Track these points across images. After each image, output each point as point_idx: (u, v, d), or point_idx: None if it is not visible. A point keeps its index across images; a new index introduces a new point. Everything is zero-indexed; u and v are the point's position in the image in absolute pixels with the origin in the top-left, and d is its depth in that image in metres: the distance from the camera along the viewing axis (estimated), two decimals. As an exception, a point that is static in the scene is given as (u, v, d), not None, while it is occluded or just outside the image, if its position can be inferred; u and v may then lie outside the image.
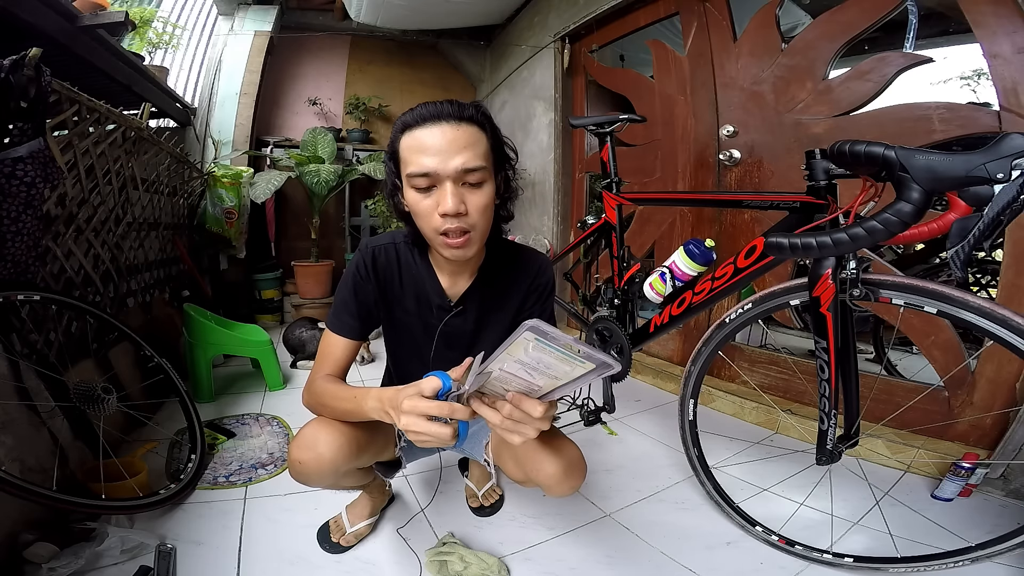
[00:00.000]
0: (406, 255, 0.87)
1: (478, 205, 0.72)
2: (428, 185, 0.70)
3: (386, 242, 0.87)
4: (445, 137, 0.68)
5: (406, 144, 0.71)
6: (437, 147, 0.68)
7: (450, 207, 0.69)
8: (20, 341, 1.13)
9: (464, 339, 0.92)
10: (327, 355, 0.86)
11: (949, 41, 2.27)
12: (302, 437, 0.81)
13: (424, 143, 0.69)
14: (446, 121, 0.69)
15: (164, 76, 2.57)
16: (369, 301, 0.87)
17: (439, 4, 2.91)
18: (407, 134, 0.71)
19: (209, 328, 1.86)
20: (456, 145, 0.68)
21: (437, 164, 0.68)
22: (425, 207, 0.72)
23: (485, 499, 1.20)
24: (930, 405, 1.36)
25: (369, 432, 0.86)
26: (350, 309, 0.86)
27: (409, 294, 0.88)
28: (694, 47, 1.95)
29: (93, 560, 0.92)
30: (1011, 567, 0.93)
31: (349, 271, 0.87)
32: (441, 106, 0.70)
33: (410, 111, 0.72)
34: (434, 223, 0.72)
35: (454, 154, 0.68)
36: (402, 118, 0.72)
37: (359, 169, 2.90)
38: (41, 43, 1.01)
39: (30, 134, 1.02)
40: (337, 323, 0.86)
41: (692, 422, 1.16)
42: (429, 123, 0.69)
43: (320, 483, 0.86)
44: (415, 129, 0.70)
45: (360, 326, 0.86)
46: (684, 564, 1.02)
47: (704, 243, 1.21)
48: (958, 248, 0.65)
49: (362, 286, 0.86)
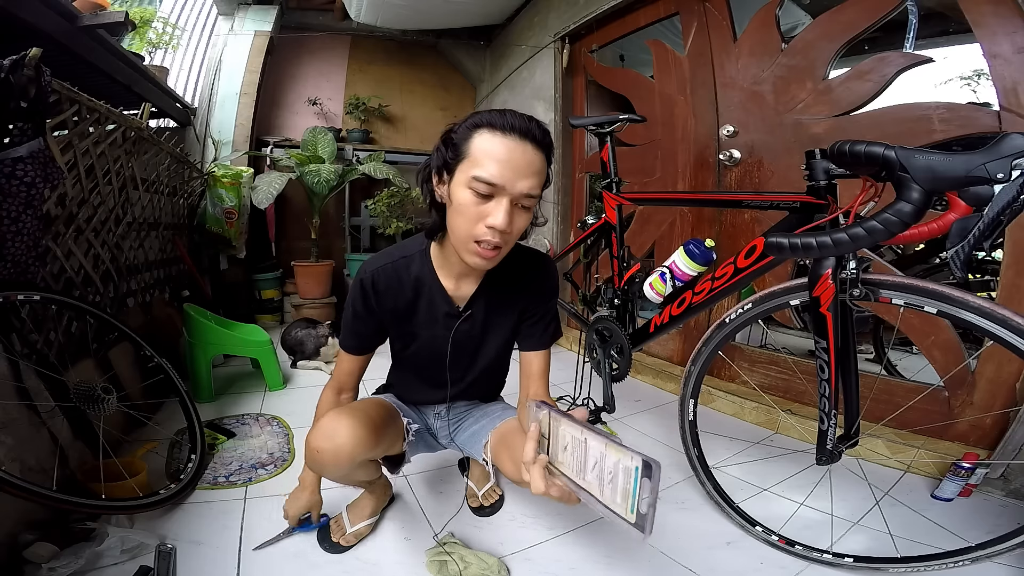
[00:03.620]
0: (405, 271, 0.88)
1: (520, 227, 0.74)
2: (488, 193, 0.69)
3: (383, 263, 0.88)
4: (525, 157, 0.69)
5: (482, 144, 0.69)
6: (513, 164, 0.68)
7: (501, 223, 0.69)
8: (20, 341, 1.13)
9: (472, 344, 0.95)
10: (338, 367, 0.98)
11: (949, 41, 2.27)
12: (322, 427, 0.82)
13: (502, 154, 0.68)
14: (530, 140, 0.69)
15: (164, 76, 2.56)
16: (372, 322, 0.92)
17: (439, 4, 2.90)
18: (487, 133, 0.69)
19: (209, 328, 1.86)
20: (530, 169, 0.69)
21: (507, 180, 0.68)
22: (475, 212, 0.71)
23: (485, 499, 1.20)
24: (930, 405, 1.36)
25: (383, 425, 0.89)
26: (353, 329, 0.93)
27: (415, 308, 0.90)
28: (694, 47, 1.95)
29: (93, 560, 0.92)
30: (1011, 567, 0.93)
31: (350, 298, 0.91)
32: (530, 123, 0.70)
33: (497, 114, 0.70)
34: (476, 230, 0.71)
35: (525, 177, 0.69)
36: (486, 116, 0.70)
37: (359, 169, 2.91)
38: (41, 43, 1.01)
39: (30, 134, 1.02)
40: (344, 341, 0.96)
41: (692, 422, 1.16)
42: (513, 135, 0.68)
43: (335, 472, 0.88)
44: (498, 134, 0.68)
45: (363, 344, 0.95)
46: (684, 564, 1.02)
47: (704, 243, 1.21)
48: (958, 248, 0.64)
49: (363, 308, 0.90)
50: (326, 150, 2.94)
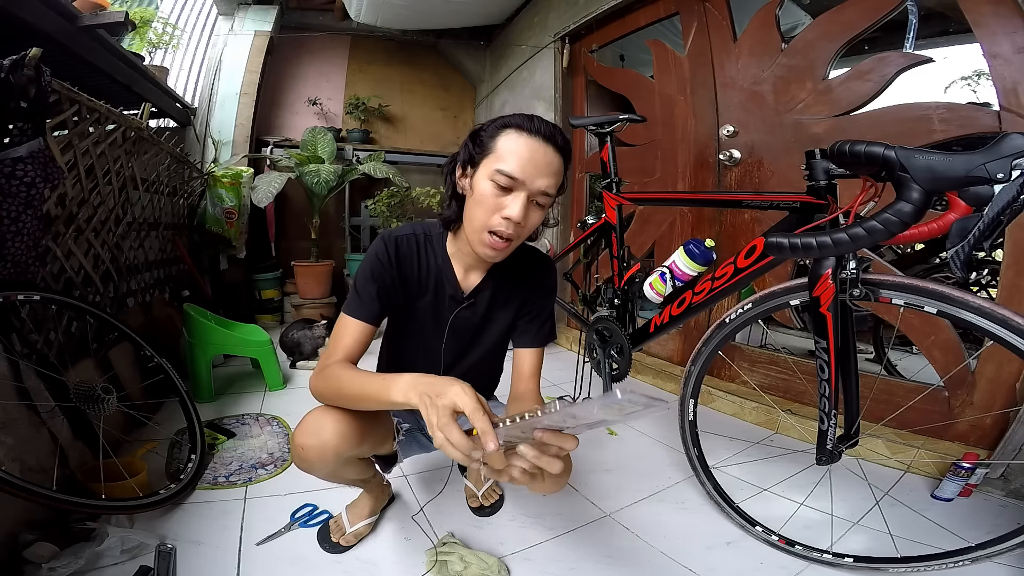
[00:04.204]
0: (425, 246, 0.91)
1: (532, 223, 0.80)
2: (508, 186, 0.75)
3: (407, 232, 0.91)
4: (545, 157, 0.75)
5: (508, 143, 0.75)
6: (535, 162, 0.75)
7: (516, 215, 0.75)
8: (20, 341, 1.13)
9: (469, 332, 0.96)
10: (340, 339, 0.85)
11: (949, 41, 2.27)
12: (306, 424, 0.82)
13: (525, 153, 0.74)
14: (552, 144, 0.76)
15: (164, 76, 2.56)
16: (387, 286, 0.88)
17: (439, 4, 2.90)
18: (513, 134, 0.76)
19: (209, 328, 1.86)
20: (549, 169, 0.76)
21: (528, 176, 0.74)
22: (493, 203, 0.77)
23: (485, 499, 1.20)
24: (930, 405, 1.36)
25: (370, 423, 0.87)
26: (368, 292, 0.86)
27: (426, 284, 0.92)
28: (694, 47, 1.95)
29: (93, 560, 0.92)
30: (1011, 567, 0.93)
31: (369, 257, 0.88)
32: (553, 129, 0.77)
33: (525, 118, 0.77)
34: (491, 220, 0.77)
35: (544, 175, 0.76)
36: (514, 119, 0.77)
37: (359, 169, 2.91)
38: (41, 43, 1.01)
39: (30, 134, 1.02)
40: (352, 305, 0.86)
41: (692, 422, 1.16)
42: (538, 137, 0.75)
43: (322, 470, 0.87)
44: (523, 135, 0.75)
45: (375, 309, 0.86)
46: (684, 564, 1.02)
47: (704, 243, 1.21)
48: (958, 248, 0.65)
49: (381, 272, 0.87)
50: (326, 150, 2.94)
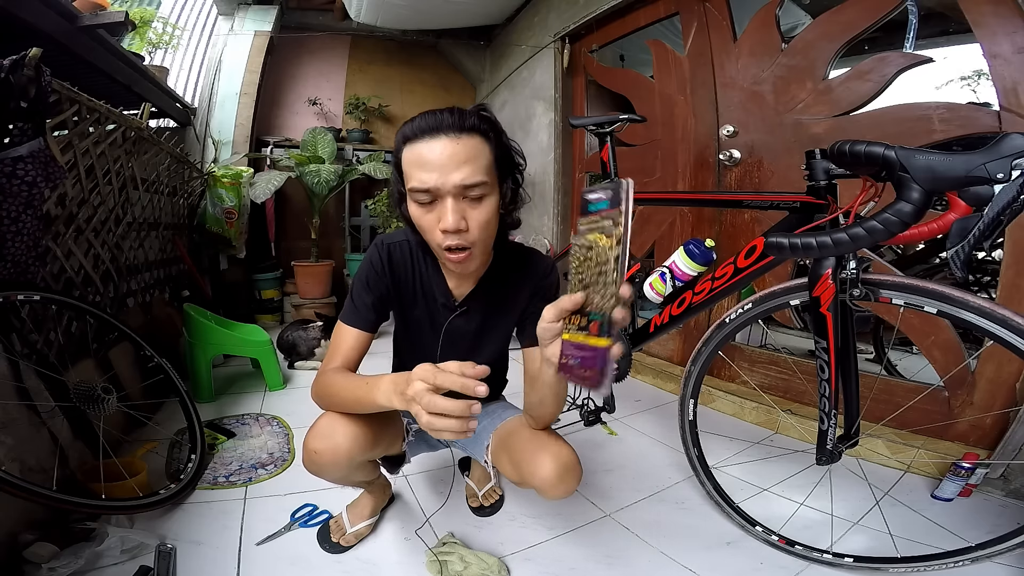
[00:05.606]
0: (418, 254, 0.88)
1: (480, 221, 0.71)
2: (430, 200, 0.69)
3: (401, 239, 0.88)
4: (445, 152, 0.66)
5: (407, 157, 0.70)
6: (436, 162, 0.67)
7: (450, 224, 0.68)
8: (20, 341, 1.13)
9: (467, 339, 0.93)
10: (337, 347, 0.85)
11: (949, 41, 2.27)
12: (319, 427, 0.81)
13: (423, 158, 0.67)
14: (445, 134, 0.67)
15: (164, 76, 2.56)
16: (383, 295, 0.87)
17: (439, 4, 2.90)
18: (408, 147, 0.70)
19: (209, 328, 1.86)
20: (456, 160, 0.67)
21: (436, 180, 0.67)
22: (427, 222, 0.71)
23: (485, 499, 1.20)
24: (930, 405, 1.36)
25: (381, 425, 0.88)
26: (363, 300, 0.86)
27: (419, 291, 0.90)
28: (694, 47, 1.95)
29: (93, 560, 0.92)
30: (1011, 567, 0.93)
31: (364, 264, 0.88)
32: (441, 116, 0.68)
33: (410, 122, 0.70)
34: (436, 238, 0.72)
35: (453, 169, 0.67)
36: (403, 129, 0.71)
37: (359, 169, 2.90)
38: (41, 43, 1.01)
39: (30, 134, 1.02)
40: (348, 314, 0.86)
41: (692, 422, 1.16)
42: (428, 136, 0.68)
43: (333, 474, 0.87)
44: (415, 142, 0.69)
45: (371, 318, 0.86)
46: (684, 564, 1.02)
47: (704, 243, 1.21)
48: (958, 248, 0.65)
49: (376, 280, 0.86)
50: (326, 150, 2.95)
